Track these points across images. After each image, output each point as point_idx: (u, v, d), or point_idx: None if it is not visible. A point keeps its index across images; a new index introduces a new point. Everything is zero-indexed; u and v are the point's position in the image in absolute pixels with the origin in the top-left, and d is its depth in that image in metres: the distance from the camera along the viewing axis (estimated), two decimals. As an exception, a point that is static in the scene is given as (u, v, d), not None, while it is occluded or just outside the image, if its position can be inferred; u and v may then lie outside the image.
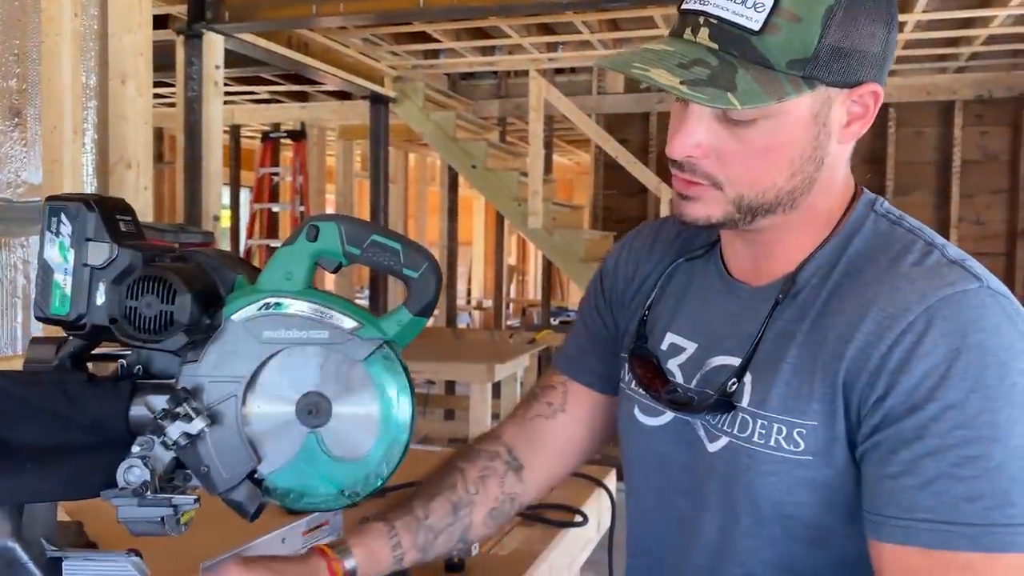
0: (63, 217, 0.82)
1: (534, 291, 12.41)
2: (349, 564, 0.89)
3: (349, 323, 0.86)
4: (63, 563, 0.88)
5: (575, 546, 1.49)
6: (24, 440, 0.82)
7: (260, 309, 0.86)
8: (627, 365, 0.97)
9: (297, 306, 0.86)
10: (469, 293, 12.02)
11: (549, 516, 1.47)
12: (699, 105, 0.78)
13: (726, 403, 0.84)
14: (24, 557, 0.84)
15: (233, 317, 0.86)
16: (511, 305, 10.85)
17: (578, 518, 1.48)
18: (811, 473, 0.80)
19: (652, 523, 0.95)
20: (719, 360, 0.89)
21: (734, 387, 0.83)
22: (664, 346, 0.95)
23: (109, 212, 0.83)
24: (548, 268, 7.80)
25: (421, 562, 0.97)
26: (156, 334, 0.82)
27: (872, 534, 0.76)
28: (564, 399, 1.05)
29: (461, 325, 8.95)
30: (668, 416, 0.92)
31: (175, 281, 0.81)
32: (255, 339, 0.86)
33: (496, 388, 4.50)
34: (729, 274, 0.92)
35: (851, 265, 0.83)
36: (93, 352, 0.88)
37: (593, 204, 6.70)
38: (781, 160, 0.80)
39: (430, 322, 0.91)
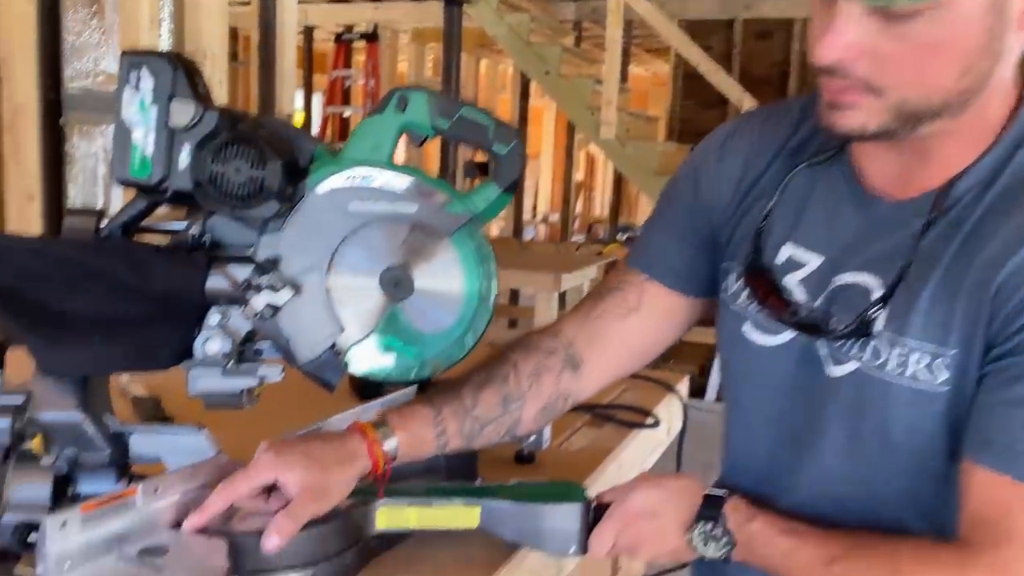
0: (144, 71, 0.78)
1: (600, 208, 12.27)
2: (389, 445, 0.84)
3: (437, 197, 0.84)
4: (131, 436, 0.88)
5: (645, 448, 1.48)
6: (87, 310, 0.81)
7: (346, 180, 0.84)
8: (733, 278, 0.91)
9: (384, 178, 0.84)
10: (535, 208, 11.95)
11: (619, 417, 1.46)
12: (847, 1, 0.69)
13: (863, 330, 0.78)
14: (91, 429, 0.85)
15: (317, 188, 0.84)
16: (577, 221, 10.77)
17: (650, 420, 1.47)
18: (947, 405, 0.75)
19: (760, 442, 0.91)
20: (848, 277, 0.82)
21: (876, 314, 0.77)
22: (781, 259, 0.87)
23: (189, 71, 0.81)
24: (617, 184, 7.67)
25: (464, 449, 0.94)
26: (244, 201, 0.80)
27: (969, 454, 0.74)
28: (639, 298, 0.98)
29: (526, 238, 8.94)
30: (786, 336, 0.86)
31: (265, 146, 0.79)
32: (340, 211, 0.84)
33: (562, 298, 4.49)
34: (863, 183, 0.84)
35: (1015, 179, 0.75)
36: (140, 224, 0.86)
37: (670, 115, 6.52)
38: (951, 57, 0.70)
39: (495, 231, 0.88)
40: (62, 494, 0.85)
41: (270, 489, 0.80)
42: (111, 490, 0.87)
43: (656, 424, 1.46)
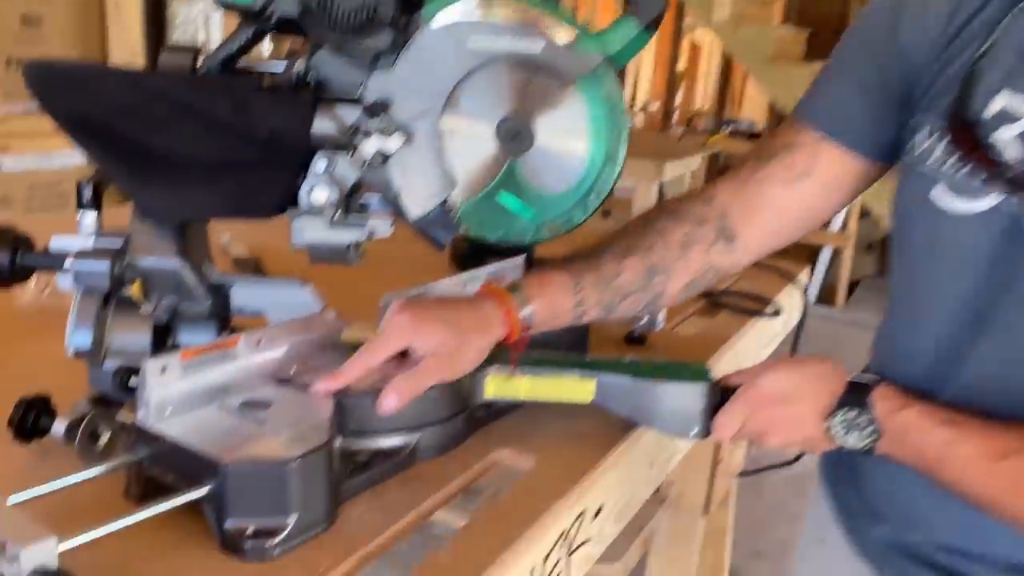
0: None
1: (701, 100, 11.80)
2: (525, 312, 0.79)
3: (566, 34, 0.74)
4: (232, 288, 0.85)
5: (761, 339, 1.39)
6: (185, 150, 0.75)
7: (464, 13, 0.74)
8: (926, 133, 0.77)
9: (507, 11, 0.74)
10: (634, 96, 11.56)
11: (737, 304, 1.37)
12: None
13: None
14: (190, 278, 0.81)
15: (433, 21, 0.75)
16: (677, 112, 10.38)
17: (770, 309, 1.37)
18: None
19: (933, 325, 0.79)
20: None
21: None
22: (992, 111, 0.73)
23: None
24: (724, 73, 7.30)
25: (601, 320, 0.87)
26: (355, 30, 0.72)
27: None
28: (811, 161, 0.85)
29: (624, 128, 8.67)
30: (989, 201, 0.73)
31: (376, -34, 0.70)
32: (457, 48, 0.75)
33: (660, 191, 4.33)
34: None
35: None
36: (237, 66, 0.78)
37: (788, -1, 6.09)
38: None
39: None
40: (162, 344, 0.82)
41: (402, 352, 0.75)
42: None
43: (777, 313, 1.37)
